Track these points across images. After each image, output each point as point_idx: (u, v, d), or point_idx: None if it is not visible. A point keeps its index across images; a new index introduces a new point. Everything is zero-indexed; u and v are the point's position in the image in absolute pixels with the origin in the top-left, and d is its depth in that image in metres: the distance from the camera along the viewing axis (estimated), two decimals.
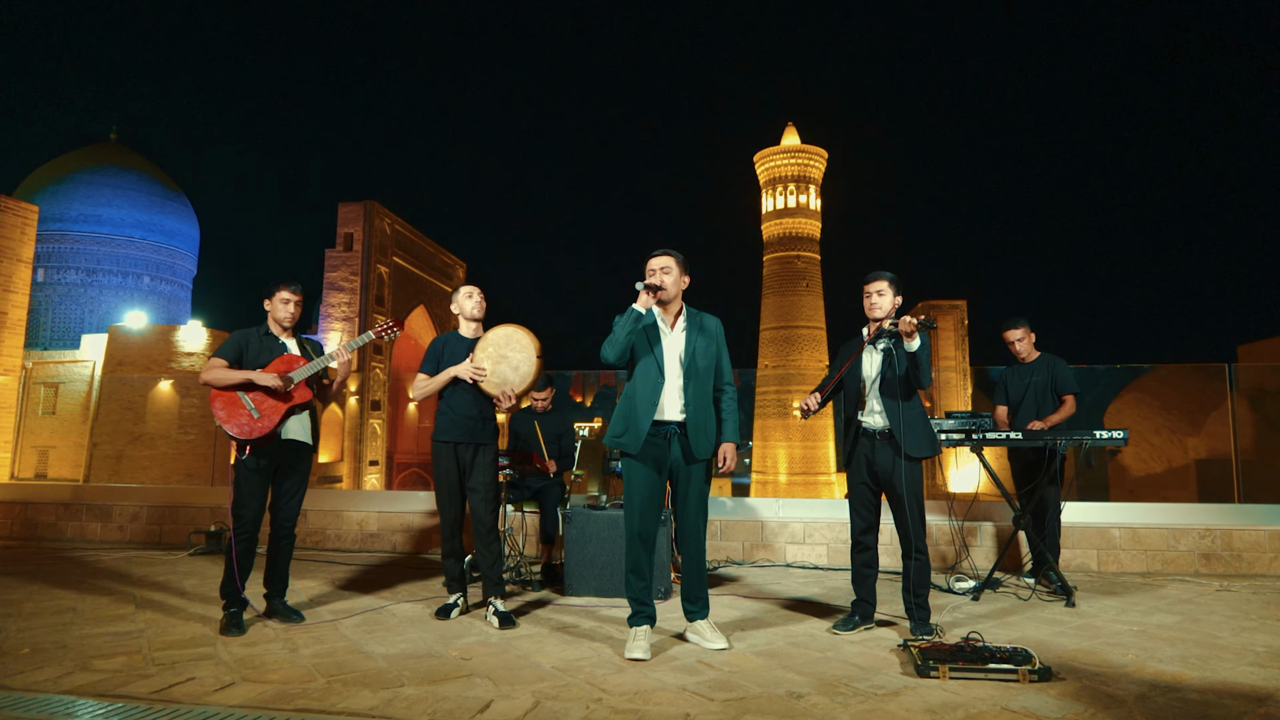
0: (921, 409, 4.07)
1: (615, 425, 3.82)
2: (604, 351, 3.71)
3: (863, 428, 4.10)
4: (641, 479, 3.75)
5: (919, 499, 4.00)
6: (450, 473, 4.43)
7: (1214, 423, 14.12)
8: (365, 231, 43.44)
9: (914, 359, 3.86)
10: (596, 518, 5.00)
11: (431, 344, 4.59)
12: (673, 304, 3.85)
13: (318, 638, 3.92)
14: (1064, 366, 5.52)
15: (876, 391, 4.07)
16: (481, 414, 4.47)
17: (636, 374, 3.77)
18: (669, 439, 3.76)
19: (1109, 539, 5.82)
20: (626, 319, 3.67)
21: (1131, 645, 3.80)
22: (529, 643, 3.85)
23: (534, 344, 4.37)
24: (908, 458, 3.96)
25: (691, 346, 3.79)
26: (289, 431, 4.25)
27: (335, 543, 6.96)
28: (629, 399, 3.78)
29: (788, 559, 6.20)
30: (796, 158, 57.86)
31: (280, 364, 4.25)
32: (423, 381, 4.50)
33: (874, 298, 4.12)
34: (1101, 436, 4.82)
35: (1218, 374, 11.91)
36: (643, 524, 3.74)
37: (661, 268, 3.79)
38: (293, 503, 4.34)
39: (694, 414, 3.75)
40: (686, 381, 3.76)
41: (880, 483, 4.08)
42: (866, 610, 4.11)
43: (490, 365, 4.36)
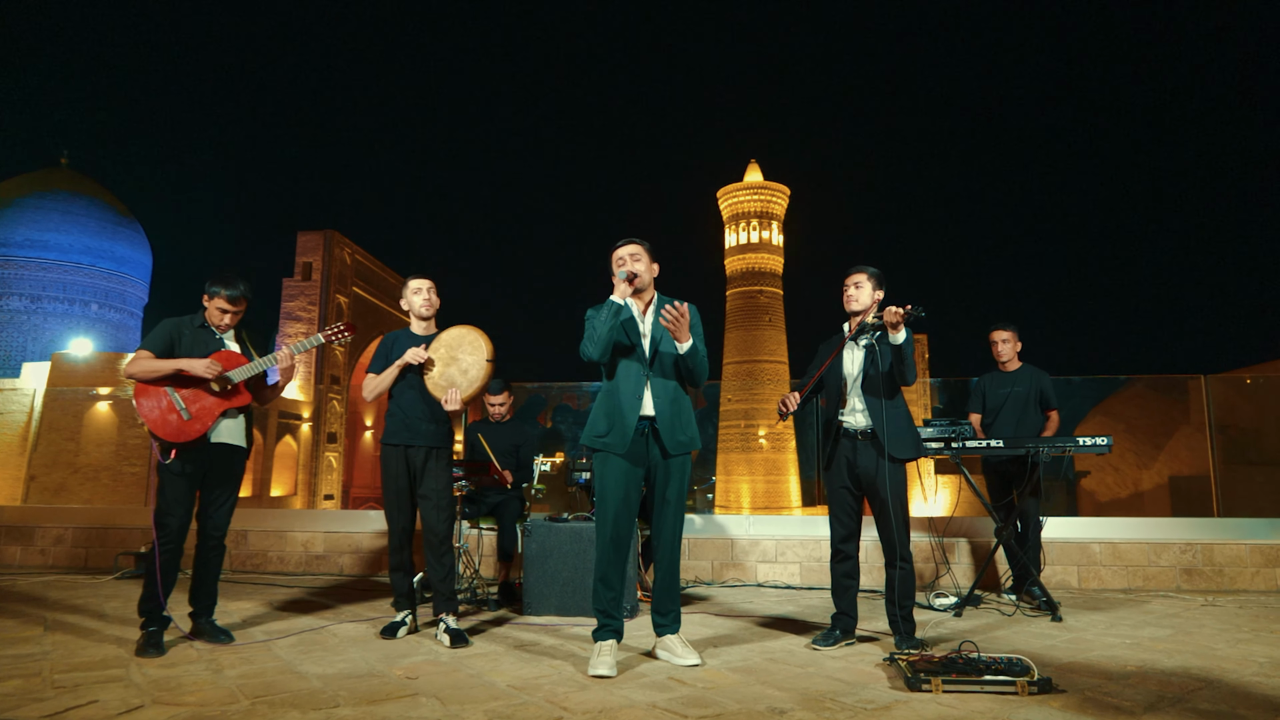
0: (905, 408, 3.84)
1: (596, 424, 3.52)
2: (585, 350, 3.44)
3: (844, 428, 3.86)
4: (619, 477, 3.46)
5: (903, 503, 3.75)
6: (399, 478, 4.09)
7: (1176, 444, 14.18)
8: (324, 261, 42.83)
9: (899, 353, 3.64)
10: (559, 531, 4.67)
11: (381, 341, 4.28)
12: (645, 292, 3.60)
13: (246, 658, 3.53)
14: (1049, 380, 5.35)
15: (858, 390, 3.84)
16: (434, 416, 4.15)
17: (619, 369, 3.50)
18: (645, 435, 3.49)
19: (1089, 555, 5.62)
20: (606, 313, 3.39)
21: (1129, 657, 3.57)
22: (483, 661, 3.51)
23: (487, 347, 4.07)
24: (891, 459, 3.72)
25: (658, 336, 3.53)
26: (220, 434, 3.88)
27: (278, 565, 6.51)
28: (611, 395, 3.50)
29: (759, 578, 5.91)
30: (759, 194, 58.50)
31: (216, 361, 3.90)
32: (372, 379, 4.18)
33: (851, 290, 3.91)
34: (1085, 443, 4.63)
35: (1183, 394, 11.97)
36: (616, 528, 3.44)
37: (631, 254, 3.54)
38: (222, 511, 3.96)
39: (666, 407, 3.48)
40: (656, 374, 3.50)
41: (862, 486, 3.82)
42: (848, 624, 3.83)
43: (440, 366, 4.05)
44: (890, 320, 3.57)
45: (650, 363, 3.49)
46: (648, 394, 3.46)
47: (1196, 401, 12.88)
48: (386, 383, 4.13)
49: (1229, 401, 11.32)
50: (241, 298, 3.97)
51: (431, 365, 4.03)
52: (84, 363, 31.35)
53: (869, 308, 3.87)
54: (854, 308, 3.90)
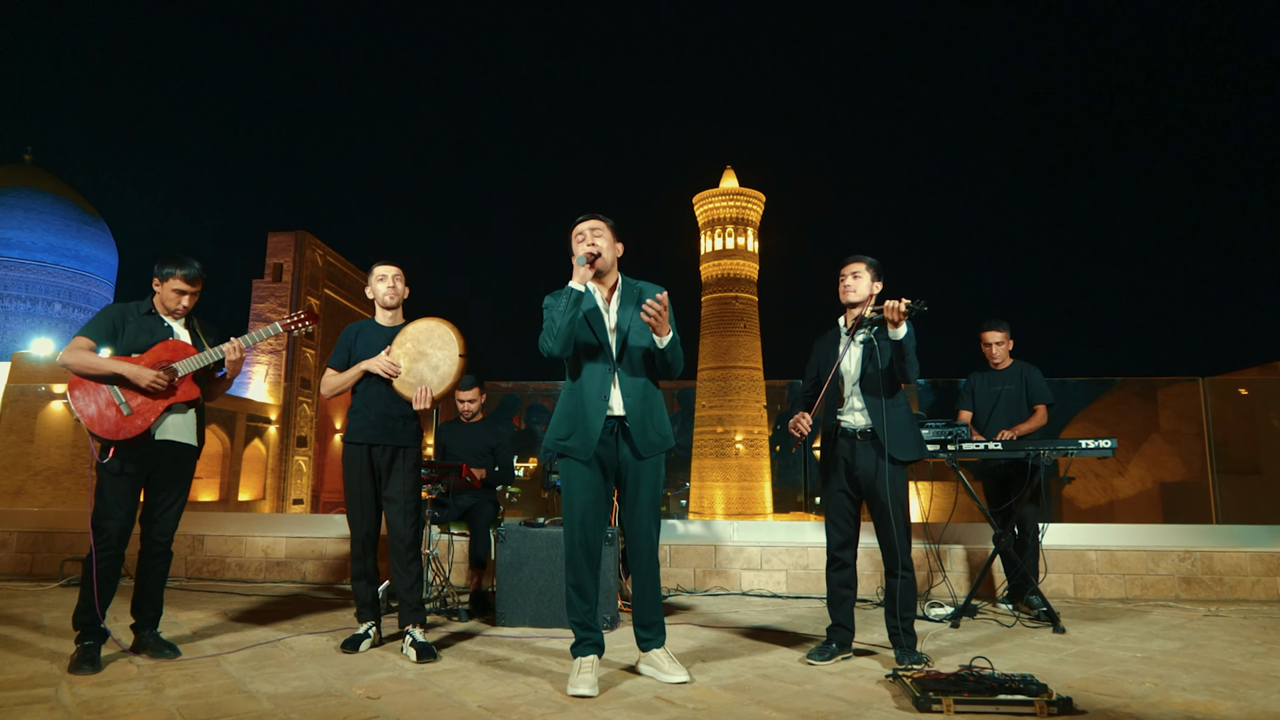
0: (907, 407, 3.61)
1: (558, 426, 3.24)
2: (544, 344, 3.13)
3: (842, 428, 3.62)
4: (584, 482, 3.18)
5: (904, 507, 3.51)
6: (363, 479, 3.80)
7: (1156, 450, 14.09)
8: (296, 262, 42.17)
9: (899, 349, 3.40)
10: (534, 536, 4.39)
11: (343, 333, 3.99)
12: (609, 275, 3.30)
13: (191, 675, 3.22)
14: (1039, 375, 5.15)
15: (857, 388, 3.60)
16: (401, 412, 3.86)
17: (583, 366, 3.21)
18: (615, 435, 3.21)
19: (1085, 562, 5.43)
20: (565, 301, 3.07)
21: (1144, 673, 3.35)
22: (452, 678, 3.22)
23: (458, 341, 3.79)
24: (892, 460, 3.48)
25: (625, 325, 3.24)
26: (166, 430, 3.57)
27: (236, 572, 6.16)
28: (574, 395, 3.21)
29: (743, 586, 5.66)
30: (735, 200, 58.53)
31: (162, 351, 3.58)
32: (332, 377, 3.90)
33: (848, 280, 3.67)
34: (1088, 446, 4.43)
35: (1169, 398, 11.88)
36: (585, 534, 3.17)
37: (592, 229, 3.24)
38: (169, 514, 3.63)
39: (636, 404, 3.20)
40: (623, 368, 3.21)
41: (861, 489, 3.58)
42: (844, 637, 3.59)
43: (407, 363, 3.77)
44: (890, 315, 3.33)
45: (618, 357, 3.21)
46: (615, 392, 3.18)
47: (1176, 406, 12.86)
48: (348, 383, 3.86)
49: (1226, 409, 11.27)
50: (199, 276, 3.69)
51: (397, 373, 3.76)
52: (45, 363, 30.51)
53: (867, 300, 3.63)
54: (851, 299, 3.67)
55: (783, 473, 57.01)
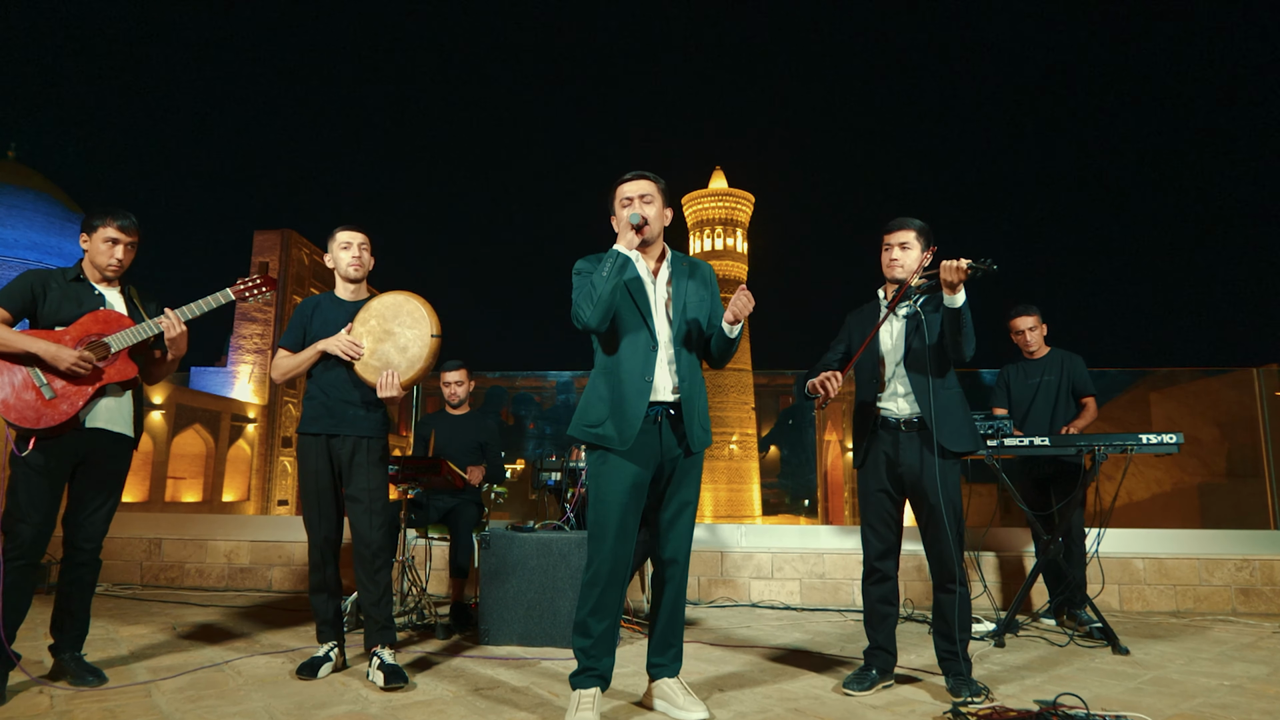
0: (959, 390, 3.11)
1: (589, 411, 2.71)
2: (579, 314, 2.64)
3: (882, 416, 3.11)
4: (621, 480, 2.64)
5: (958, 510, 3.00)
6: (321, 475, 3.27)
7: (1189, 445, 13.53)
8: (282, 261, 41.50)
9: (956, 319, 2.89)
10: (523, 543, 3.87)
11: (298, 308, 3.44)
12: (654, 245, 2.81)
13: (112, 709, 2.69)
14: (1083, 365, 4.66)
15: (900, 368, 3.09)
16: (364, 398, 3.34)
17: (622, 341, 2.70)
18: (658, 425, 2.70)
19: (1132, 571, 4.94)
20: (609, 266, 2.59)
21: (1248, 708, 2.85)
22: (425, 712, 2.70)
23: (430, 318, 3.25)
24: (943, 454, 2.98)
25: (682, 299, 2.76)
26: (98, 418, 3.03)
27: (196, 579, 5.61)
28: (610, 375, 2.70)
29: (753, 597, 5.15)
30: (724, 201, 58.17)
31: (91, 323, 3.05)
32: (284, 359, 3.35)
33: (895, 252, 3.15)
34: (1150, 441, 3.93)
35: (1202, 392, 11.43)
36: (620, 544, 2.63)
37: (641, 195, 2.74)
38: (97, 516, 3.09)
39: (688, 390, 2.72)
40: (679, 346, 2.73)
41: (905, 488, 3.07)
42: (885, 662, 3.08)
43: (370, 343, 3.24)
44: (949, 278, 2.82)
45: (667, 333, 2.72)
46: (663, 372, 2.69)
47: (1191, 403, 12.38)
48: (303, 366, 3.32)
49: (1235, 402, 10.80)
50: (134, 227, 3.17)
51: (359, 355, 3.23)
52: None
53: (913, 273, 3.12)
54: (899, 274, 3.15)
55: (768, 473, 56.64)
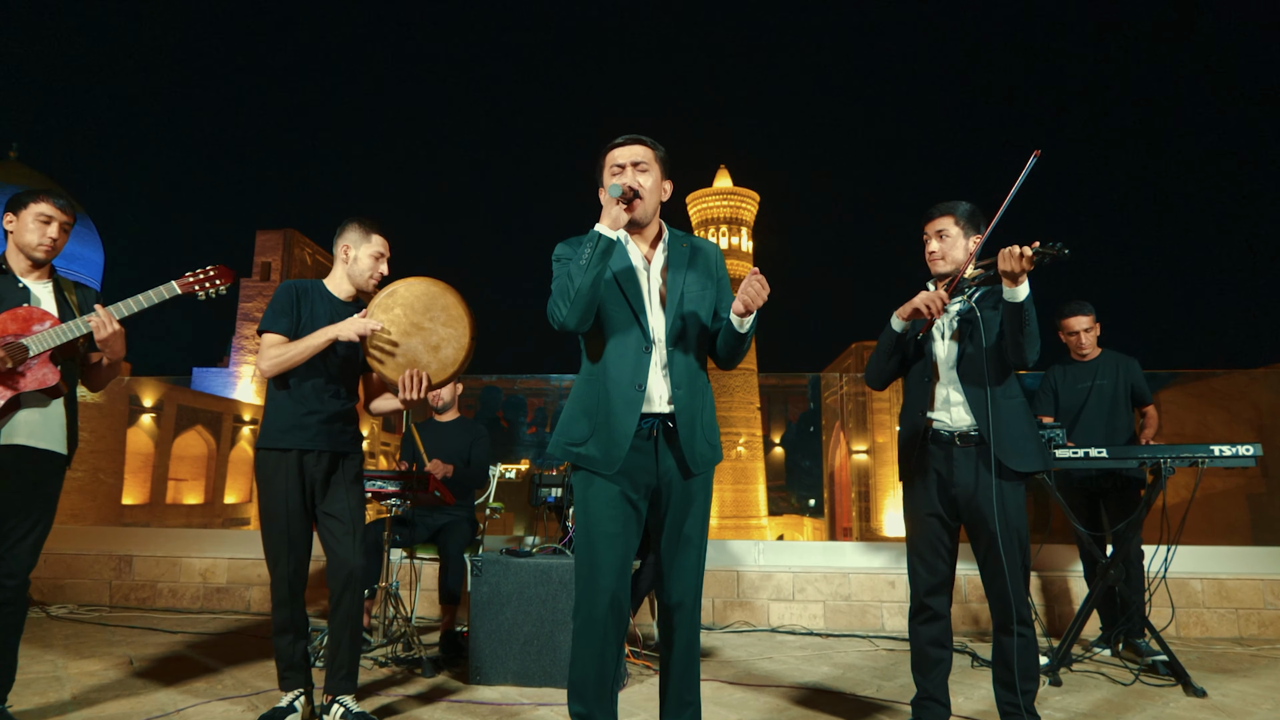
0: (1022, 400, 2.68)
1: (571, 426, 2.27)
2: (554, 311, 2.17)
3: (933, 430, 2.68)
4: (609, 507, 2.20)
5: (1022, 539, 2.57)
6: (292, 496, 2.84)
7: None
8: (284, 260, 41.22)
9: (1018, 316, 2.46)
10: (518, 569, 3.44)
11: (281, 291, 2.94)
12: (649, 226, 2.32)
13: None
14: (1139, 369, 4.23)
15: (953, 374, 2.66)
16: (344, 409, 2.93)
17: (609, 342, 2.25)
18: (653, 441, 2.24)
19: (1189, 594, 4.50)
20: (589, 251, 2.12)
21: None
22: None
23: (468, 319, 2.79)
24: (1004, 473, 2.55)
25: (679, 289, 2.29)
26: (16, 432, 2.62)
27: (169, 600, 5.20)
28: (594, 383, 2.25)
29: (772, 621, 4.72)
30: (729, 199, 57.72)
31: (9, 321, 2.64)
32: (279, 346, 2.82)
33: (933, 243, 2.74)
34: (1223, 453, 3.50)
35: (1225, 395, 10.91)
36: (610, 581, 2.18)
37: (634, 162, 2.27)
38: (22, 547, 2.67)
39: (686, 398, 2.24)
40: (677, 346, 2.26)
41: (960, 512, 2.65)
42: (938, 714, 2.65)
43: (398, 334, 2.79)
44: (1008, 267, 2.39)
45: (663, 332, 2.25)
46: (657, 379, 2.22)
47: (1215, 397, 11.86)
48: (308, 354, 2.81)
49: None
50: (70, 209, 2.80)
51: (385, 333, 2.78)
52: None
53: (964, 264, 2.69)
54: (942, 269, 2.73)
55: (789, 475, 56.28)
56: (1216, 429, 13.41)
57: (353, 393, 3.00)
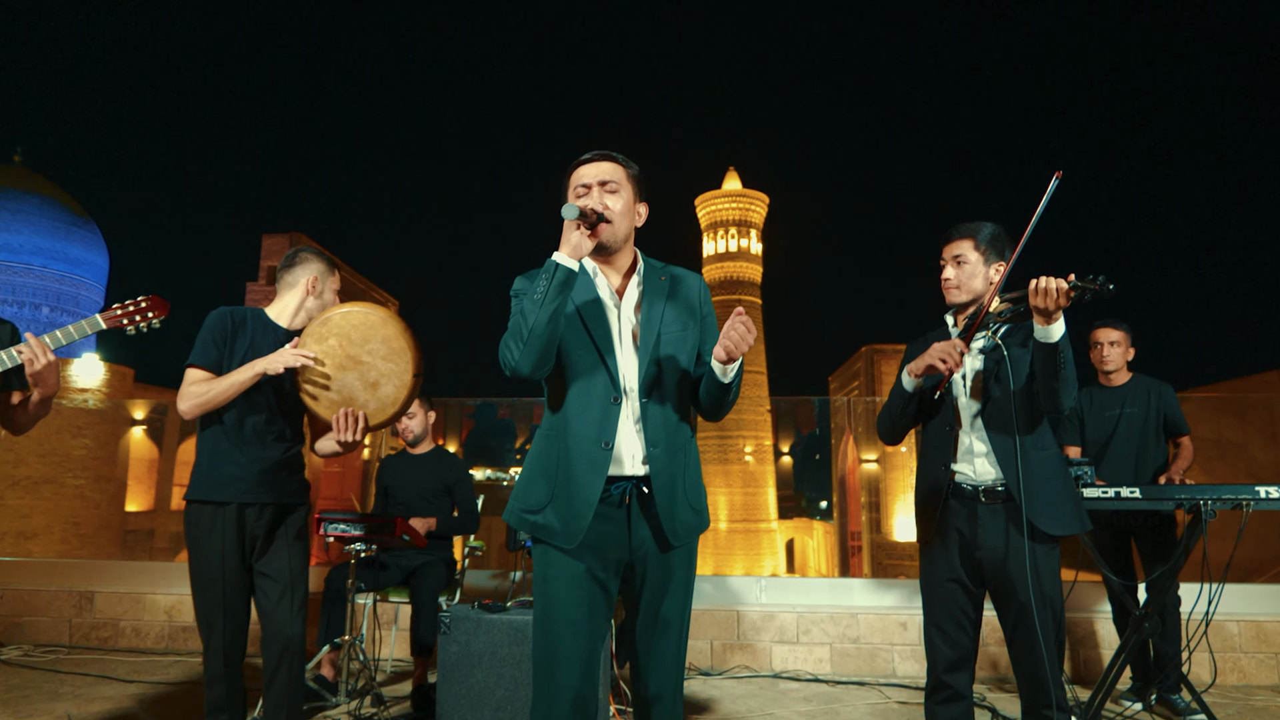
0: (1056, 451, 2.34)
1: (528, 490, 1.94)
2: (506, 353, 1.84)
3: (955, 483, 2.34)
4: (571, 588, 1.88)
5: (1057, 611, 2.24)
6: (229, 558, 2.52)
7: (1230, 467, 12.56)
8: None
9: (1051, 357, 2.13)
10: (490, 626, 3.12)
11: (213, 321, 2.60)
12: (622, 252, 1.99)
13: None
14: (1174, 397, 3.89)
15: (978, 421, 2.33)
16: (289, 454, 2.61)
17: (570, 391, 1.92)
18: (626, 508, 1.91)
19: (1224, 636, 4.16)
20: (546, 285, 1.78)
21: None
22: None
23: (411, 352, 2.47)
24: (1037, 535, 2.22)
25: (656, 328, 1.95)
26: None
27: (132, 640, 4.89)
28: (554, 439, 1.92)
29: (775, 665, 4.38)
30: (738, 201, 57.42)
31: None
32: (203, 384, 2.51)
33: (949, 270, 2.42)
34: (1270, 495, 3.15)
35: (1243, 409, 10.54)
36: (572, 676, 1.84)
37: (602, 182, 1.94)
38: None
39: (665, 457, 1.90)
40: (652, 395, 1.92)
41: (986, 579, 2.31)
42: None
43: (332, 367, 2.47)
44: (1041, 304, 2.05)
45: (635, 379, 1.91)
46: (628, 435, 1.89)
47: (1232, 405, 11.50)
48: (232, 392, 2.51)
49: None
50: None
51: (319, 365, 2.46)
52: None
53: (986, 294, 2.36)
54: (958, 298, 2.41)
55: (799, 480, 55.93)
56: (1233, 438, 13.04)
57: (298, 434, 2.68)
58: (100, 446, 27.49)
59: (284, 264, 2.79)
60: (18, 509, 27.21)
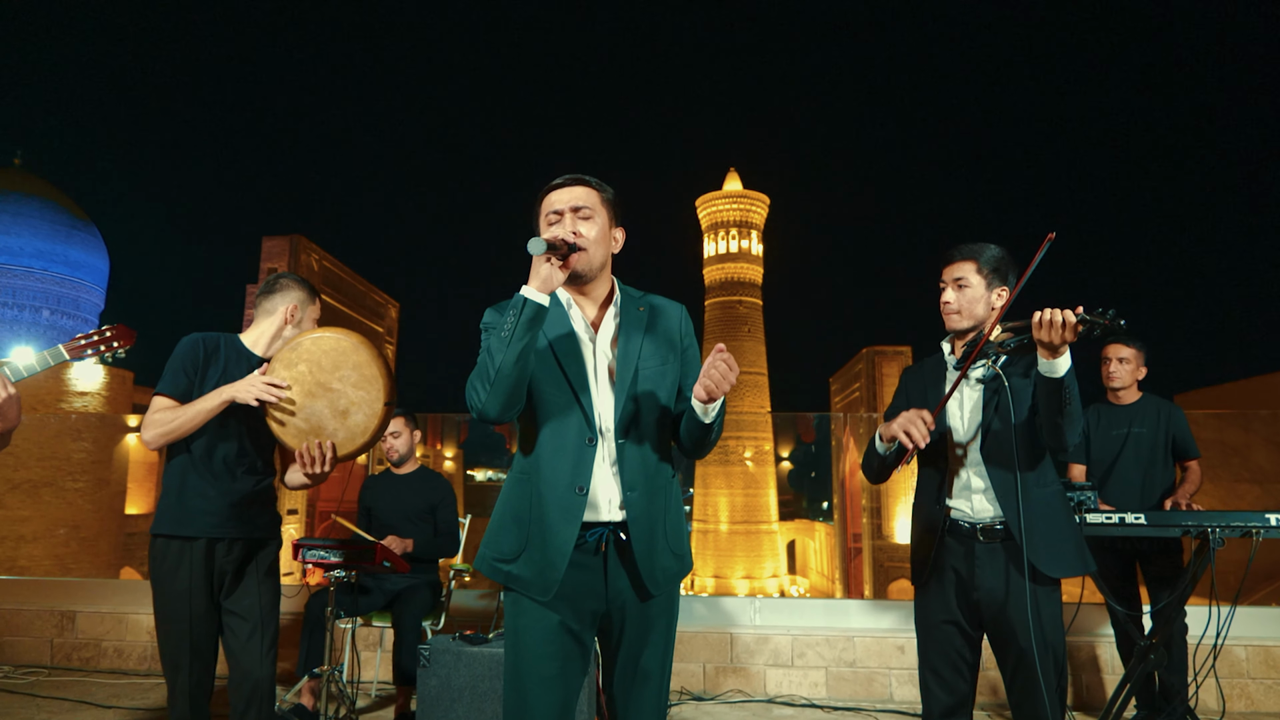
0: (1059, 488, 2.23)
1: (500, 537, 1.83)
2: (472, 394, 1.72)
3: (952, 520, 2.24)
4: (548, 643, 1.77)
5: (1059, 657, 2.13)
6: (196, 596, 2.42)
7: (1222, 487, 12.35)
8: (290, 267, 40.79)
9: (1056, 393, 2.02)
10: (471, 660, 3.01)
11: (184, 347, 2.51)
12: (597, 281, 1.87)
13: None
14: (1184, 419, 3.77)
15: (977, 455, 2.22)
16: (261, 487, 2.51)
17: (543, 434, 1.80)
18: (602, 556, 1.80)
19: (1231, 661, 4.04)
20: (514, 321, 1.67)
21: None
22: None
23: (383, 379, 2.36)
24: (1038, 576, 2.11)
25: (633, 362, 1.83)
26: None
27: (114, 661, 4.79)
28: (526, 484, 1.81)
29: (769, 689, 4.28)
30: (739, 202, 57.33)
31: None
32: (167, 413, 2.40)
33: (949, 293, 2.31)
34: (1277, 523, 3.04)
35: None
36: None
37: (575, 207, 1.82)
38: None
39: (641, 501, 1.79)
40: (630, 435, 1.80)
41: (984, 622, 2.21)
42: None
43: (298, 395, 2.36)
44: (1047, 338, 1.94)
45: (611, 418, 1.80)
46: (604, 478, 1.78)
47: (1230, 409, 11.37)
48: (199, 420, 2.41)
49: None
50: None
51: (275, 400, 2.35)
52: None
53: (988, 320, 2.25)
54: (958, 324, 2.29)
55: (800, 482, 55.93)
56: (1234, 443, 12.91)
57: (270, 466, 2.58)
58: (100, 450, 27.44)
59: (263, 290, 2.69)
60: (17, 511, 27.17)
